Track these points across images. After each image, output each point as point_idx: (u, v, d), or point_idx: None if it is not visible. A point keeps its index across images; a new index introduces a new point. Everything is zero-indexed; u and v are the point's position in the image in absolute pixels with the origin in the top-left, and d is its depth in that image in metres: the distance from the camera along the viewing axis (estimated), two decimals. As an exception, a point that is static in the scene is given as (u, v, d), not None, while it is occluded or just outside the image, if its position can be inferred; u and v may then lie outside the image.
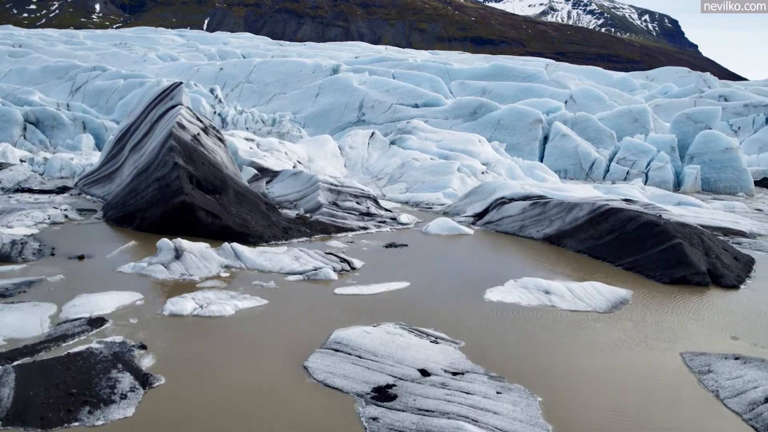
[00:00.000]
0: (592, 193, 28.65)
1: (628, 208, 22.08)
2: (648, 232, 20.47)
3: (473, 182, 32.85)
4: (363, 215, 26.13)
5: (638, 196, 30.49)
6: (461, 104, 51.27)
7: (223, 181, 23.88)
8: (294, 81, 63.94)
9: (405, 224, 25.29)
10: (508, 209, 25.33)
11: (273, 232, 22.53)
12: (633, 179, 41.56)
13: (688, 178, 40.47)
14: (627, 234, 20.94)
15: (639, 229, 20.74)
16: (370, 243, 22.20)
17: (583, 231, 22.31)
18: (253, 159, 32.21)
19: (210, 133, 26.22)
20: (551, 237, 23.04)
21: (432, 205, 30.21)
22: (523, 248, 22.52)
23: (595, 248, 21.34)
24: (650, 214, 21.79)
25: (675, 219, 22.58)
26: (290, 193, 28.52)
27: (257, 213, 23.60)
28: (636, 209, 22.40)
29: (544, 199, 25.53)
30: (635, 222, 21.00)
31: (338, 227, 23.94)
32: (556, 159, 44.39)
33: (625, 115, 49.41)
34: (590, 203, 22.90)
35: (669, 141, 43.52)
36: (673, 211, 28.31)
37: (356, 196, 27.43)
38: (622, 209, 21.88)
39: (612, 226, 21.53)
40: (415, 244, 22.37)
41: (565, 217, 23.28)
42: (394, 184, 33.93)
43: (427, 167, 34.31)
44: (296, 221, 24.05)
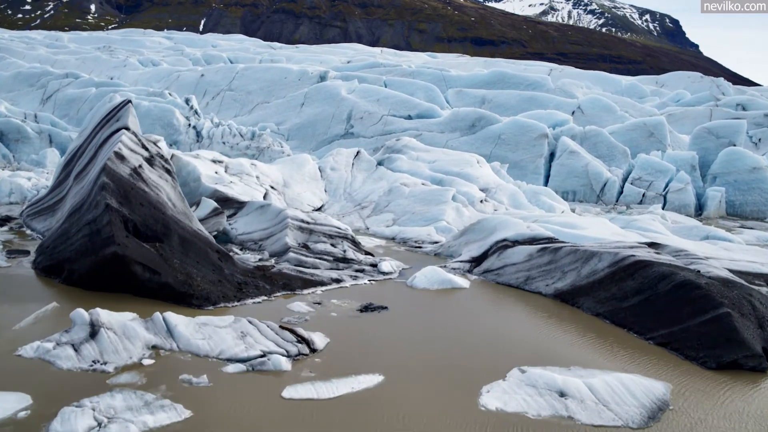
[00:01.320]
0: (608, 230, 24.71)
1: (659, 261, 18.17)
2: (685, 296, 16.60)
3: (470, 213, 28.93)
4: (338, 261, 22.23)
5: (661, 230, 26.58)
6: (458, 116, 47.44)
7: (166, 226, 19.97)
8: (278, 89, 60.14)
9: (387, 274, 21.40)
10: (512, 255, 21.42)
11: (223, 291, 18.71)
12: (650, 202, 37.67)
13: (712, 201, 36.58)
14: (659, 296, 17.07)
15: (674, 291, 16.87)
16: (342, 304, 18.33)
17: (603, 288, 18.42)
18: (217, 186, 28.33)
19: (156, 163, 22.30)
20: (564, 293, 19.16)
21: (422, 243, 26.31)
22: (530, 310, 18.67)
23: (619, 312, 17.47)
24: (686, 269, 17.91)
25: (713, 270, 18.65)
26: (255, 231, 24.70)
27: (206, 265, 19.70)
28: (667, 261, 18.49)
29: (554, 243, 21.60)
30: (669, 281, 17.12)
31: (305, 281, 20.06)
32: (564, 179, 40.53)
33: (639, 129, 45.50)
34: (611, 253, 18.98)
35: (689, 159, 39.66)
36: (702, 249, 24.45)
37: (331, 236, 23.52)
38: (652, 263, 17.97)
39: (639, 284, 17.65)
40: (397, 304, 18.53)
41: (580, 268, 19.36)
42: (379, 215, 30.00)
43: (417, 194, 30.39)
44: (254, 273, 20.14)
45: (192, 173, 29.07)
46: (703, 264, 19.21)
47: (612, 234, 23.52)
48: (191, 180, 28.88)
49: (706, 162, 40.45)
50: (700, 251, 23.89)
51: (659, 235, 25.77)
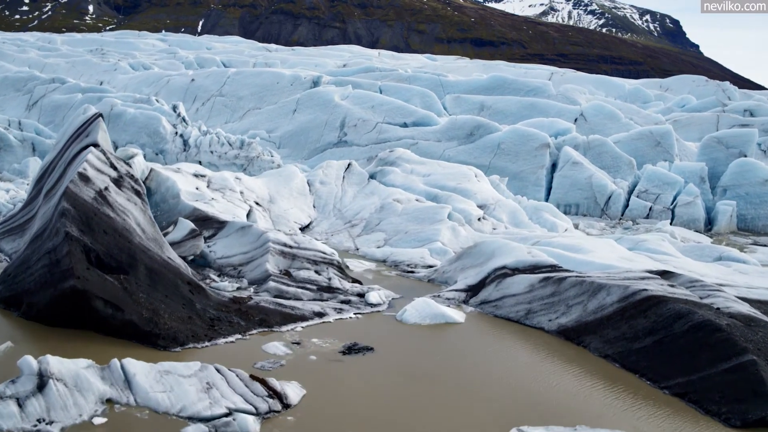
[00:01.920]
0: (615, 253, 23.08)
1: (674, 297, 16.53)
2: (705, 339, 14.97)
3: (467, 233, 27.29)
4: (322, 290, 20.59)
5: (672, 252, 24.94)
6: (456, 124, 45.82)
7: (132, 256, 18.32)
8: (270, 94, 58.52)
9: (375, 305, 19.75)
10: (511, 285, 19.78)
11: (193, 328, 17.08)
12: (657, 217, 36.04)
13: (722, 216, 34.95)
14: (674, 338, 15.47)
15: (691, 333, 15.25)
16: (323, 345, 16.71)
17: (611, 326, 16.79)
18: (197, 204, 26.67)
19: (124, 184, 20.65)
20: (568, 330, 17.54)
21: (415, 267, 24.66)
22: (532, 350, 17.05)
23: (629, 355, 15.85)
24: (704, 306, 16.29)
25: (732, 305, 17.03)
26: (235, 255, 23.07)
27: (176, 298, 18.08)
28: (683, 295, 16.83)
29: (558, 271, 19.96)
30: (685, 321, 15.49)
31: (285, 315, 18.42)
32: (567, 191, 38.89)
33: (645, 138, 43.85)
34: (621, 286, 17.34)
35: (698, 170, 38.02)
36: (716, 273, 22.84)
37: (315, 262, 21.87)
38: (666, 299, 16.33)
39: (652, 323, 16.01)
40: (384, 344, 16.91)
41: (586, 302, 17.72)
42: (370, 234, 28.36)
43: (410, 212, 28.74)
44: (229, 307, 18.49)
45: (171, 189, 27.43)
46: (721, 297, 17.58)
47: (619, 259, 21.88)
48: (170, 197, 27.25)
49: (716, 173, 38.81)
50: (714, 276, 22.31)
51: (670, 257, 24.16)
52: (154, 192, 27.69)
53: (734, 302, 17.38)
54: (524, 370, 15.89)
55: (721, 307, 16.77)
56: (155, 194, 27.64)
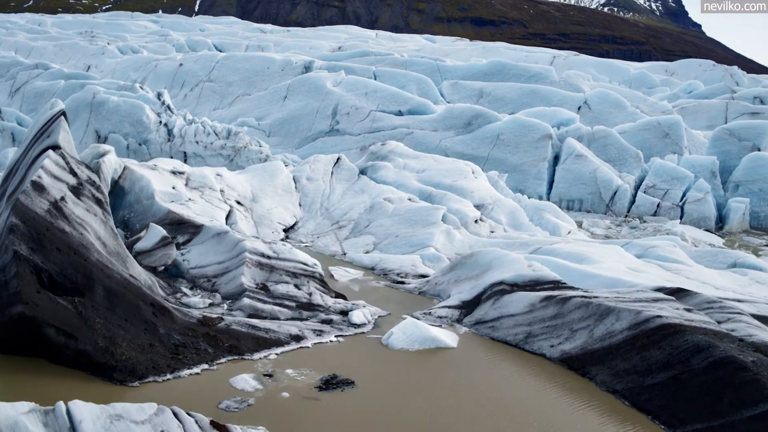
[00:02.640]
0: (623, 263, 21.37)
1: (691, 326, 14.86)
2: (727, 379, 13.31)
3: (462, 237, 25.55)
4: (301, 307, 18.90)
5: (683, 259, 23.25)
6: (453, 113, 43.92)
7: (89, 276, 16.57)
8: (260, 80, 56.61)
9: (359, 326, 18.04)
10: (509, 303, 18.10)
11: (154, 358, 15.40)
12: (665, 214, 34.30)
13: (735, 214, 33.20)
14: (692, 375, 13.79)
15: (712, 371, 13.57)
16: (298, 377, 15.07)
17: (621, 356, 15.13)
18: (172, 206, 24.91)
19: (84, 192, 18.86)
20: (572, 359, 15.88)
21: (405, 276, 22.96)
22: (531, 382, 15.44)
23: (641, 392, 14.18)
24: (726, 336, 14.63)
25: (756, 332, 15.37)
26: (209, 265, 21.37)
27: (137, 323, 16.38)
28: (701, 321, 15.15)
29: (561, 288, 18.25)
30: (705, 356, 13.81)
31: (258, 340, 16.73)
32: (569, 186, 37.12)
33: (652, 129, 41.94)
34: (631, 311, 15.65)
35: (709, 164, 36.21)
36: (732, 285, 21.16)
37: (295, 275, 20.17)
38: (682, 328, 14.65)
39: (668, 356, 14.35)
40: (366, 376, 15.27)
41: (593, 327, 16.03)
42: (358, 236, 26.63)
43: (402, 213, 26.99)
44: (196, 330, 16.80)
45: (145, 189, 25.67)
46: (743, 322, 15.94)
47: (627, 272, 20.16)
48: (144, 198, 25.49)
49: (728, 167, 36.99)
50: (730, 289, 20.62)
51: (681, 266, 22.44)
52: (127, 192, 25.96)
53: (757, 328, 15.70)
54: (523, 406, 14.20)
55: (743, 336, 15.11)
56: (129, 194, 25.90)
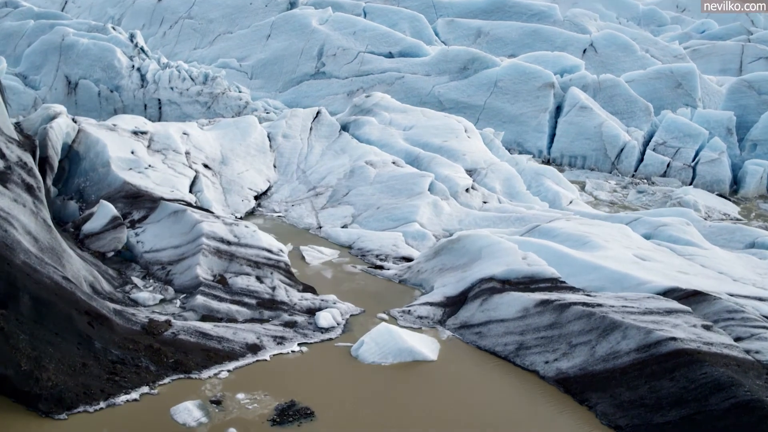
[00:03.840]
0: (630, 247, 19.24)
1: (710, 352, 12.85)
2: (752, 427, 11.30)
3: (451, 210, 23.36)
4: (263, 305, 16.91)
5: (697, 240, 21.15)
6: (448, 56, 41.04)
7: (12, 283, 14.50)
8: (242, 17, 53.22)
9: (326, 330, 16.01)
10: (500, 306, 16.08)
11: (87, 382, 13.63)
12: (675, 175, 32.07)
13: (751, 178, 30.90)
14: (710, 417, 11.97)
15: (734, 415, 11.77)
16: (250, 406, 13.33)
17: (626, 383, 13.22)
18: (130, 176, 22.62)
19: (13, 178, 16.59)
20: (569, 380, 14.01)
21: (385, 259, 20.89)
22: (521, 410, 13.44)
23: (649, 430, 12.12)
24: (751, 367, 12.63)
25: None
26: (165, 249, 19.28)
27: (68, 336, 14.46)
28: (723, 350, 13.14)
29: (559, 289, 16.19)
30: (726, 396, 11.94)
31: (208, 353, 14.80)
32: (572, 140, 34.70)
33: (664, 78, 39.10)
34: (641, 329, 13.67)
35: (724, 120, 33.68)
36: (750, 272, 19.11)
37: (257, 265, 18.06)
38: (700, 357, 12.68)
39: (681, 390, 12.41)
40: (329, 403, 13.44)
41: (595, 344, 14.05)
42: (336, 206, 24.41)
43: (385, 180, 24.70)
44: (139, 342, 14.86)
45: (101, 156, 23.32)
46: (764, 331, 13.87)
47: (634, 262, 18.02)
48: (99, 165, 23.16)
49: (745, 123, 34.44)
50: (750, 280, 18.55)
51: (695, 249, 20.34)
52: (83, 157, 23.58)
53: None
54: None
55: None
56: (84, 160, 23.54)
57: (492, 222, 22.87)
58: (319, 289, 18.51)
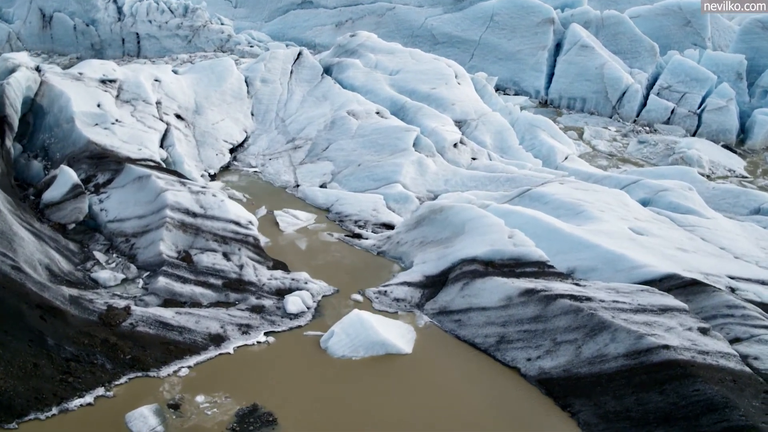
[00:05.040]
0: (627, 219, 18.28)
1: (704, 365, 12.11)
2: (747, 453, 10.62)
3: (437, 168, 22.32)
4: (229, 287, 16.11)
5: (698, 208, 20.23)
6: (442, -14, 38.80)
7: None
8: (225, -65, 50.26)
9: (295, 317, 15.29)
10: (482, 292, 15.27)
11: (38, 385, 13.08)
12: (679, 122, 30.78)
13: (760, 128, 29.62)
14: None
15: None
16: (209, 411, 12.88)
17: (612, 391, 12.55)
18: (95, 133, 21.41)
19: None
20: (553, 382, 13.37)
21: (364, 225, 19.99)
22: (500, 411, 12.76)
23: (635, 445, 11.52)
24: (748, 382, 11.84)
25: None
26: (129, 219, 18.39)
27: (19, 334, 13.93)
28: (720, 362, 12.39)
29: (546, 275, 15.33)
30: (719, 420, 11.44)
31: (168, 345, 14.08)
32: (572, 81, 33.23)
33: (671, 14, 37.09)
34: (631, 332, 12.92)
35: (735, 64, 32.12)
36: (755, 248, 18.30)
37: (224, 240, 17.11)
38: (694, 371, 11.97)
39: (671, 406, 11.78)
40: (294, 406, 13.01)
41: (581, 344, 13.31)
42: (315, 162, 23.31)
43: (368, 133, 23.53)
44: (95, 335, 14.10)
45: (64, 111, 22.05)
46: None
47: (631, 239, 17.11)
48: (63, 120, 21.92)
49: (756, 67, 32.82)
50: (754, 257, 17.75)
51: (697, 219, 19.40)
52: (47, 111, 22.28)
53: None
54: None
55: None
56: (48, 114, 22.25)
57: (480, 182, 21.82)
58: (292, 263, 17.65)
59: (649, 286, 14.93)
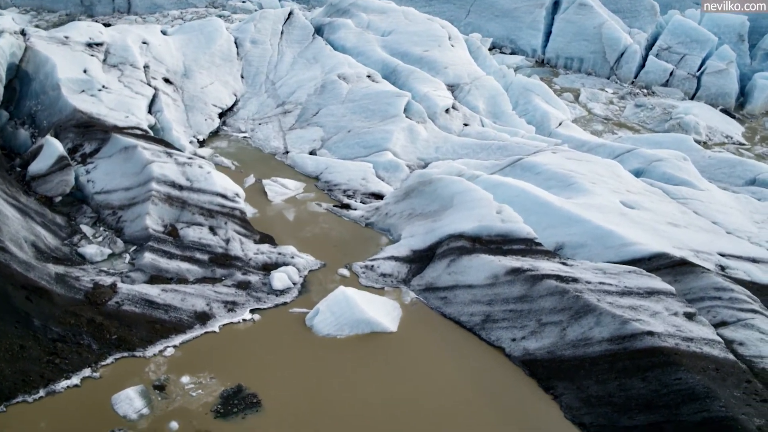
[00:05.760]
0: (618, 192, 18.29)
1: (688, 353, 12.21)
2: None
3: (428, 135, 22.11)
4: (215, 262, 16.10)
5: (692, 179, 20.13)
6: (439, -63, 37.80)
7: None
8: None
9: (281, 293, 15.30)
10: (468, 270, 15.27)
11: (26, 367, 13.22)
12: (678, 85, 30.37)
13: (760, 93, 29.26)
14: (680, 427, 11.66)
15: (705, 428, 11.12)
16: (194, 393, 13.00)
17: (595, 375, 12.66)
18: (80, 102, 21.10)
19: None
20: (537, 363, 13.48)
21: (353, 195, 19.94)
22: (484, 391, 12.94)
23: (616, 432, 11.68)
24: (731, 372, 11.93)
25: None
26: (116, 190, 18.30)
27: (5, 316, 14.17)
28: (705, 349, 12.47)
29: (534, 253, 15.32)
30: (700, 409, 11.55)
31: (154, 324, 14.12)
32: (569, 41, 32.70)
33: (673, -30, 36.27)
34: (616, 317, 12.96)
35: (737, 26, 31.56)
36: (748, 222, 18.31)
37: (210, 214, 17.04)
38: (677, 359, 12.06)
39: (653, 393, 11.90)
40: (278, 388, 13.02)
41: (566, 326, 13.36)
42: (305, 127, 23.09)
43: (358, 98, 23.25)
44: (81, 314, 14.13)
45: (50, 77, 21.76)
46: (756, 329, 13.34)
47: (622, 215, 17.04)
48: (49, 87, 21.64)
49: (758, 28, 32.29)
50: (746, 232, 17.77)
51: (691, 191, 19.33)
52: (32, 78, 21.97)
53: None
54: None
55: (753, 357, 12.46)
56: (34, 81, 21.95)
57: (471, 150, 21.64)
58: (279, 235, 17.61)
59: (637, 264, 14.93)
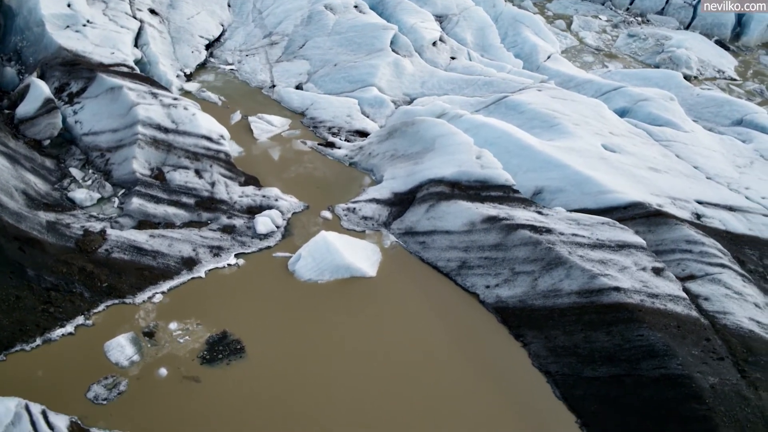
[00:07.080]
0: (600, 134, 18.66)
1: (651, 310, 12.93)
2: (676, 407, 11.99)
3: (414, 70, 22.24)
4: (201, 206, 16.65)
5: (678, 120, 20.33)
6: None
7: None
8: None
9: (264, 237, 15.91)
10: (446, 216, 15.87)
11: (22, 317, 14.00)
12: (674, 14, 30.07)
13: (756, 24, 29.00)
14: (638, 383, 12.44)
15: (661, 388, 12.27)
16: (181, 339, 13.71)
17: (563, 327, 13.46)
18: (65, 39, 21.00)
19: None
20: (508, 311, 14.25)
21: (338, 132, 20.25)
22: (456, 337, 13.78)
23: (576, 384, 12.82)
24: (691, 330, 12.69)
25: (741, 322, 13.51)
26: (103, 132, 18.63)
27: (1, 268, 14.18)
28: (668, 305, 13.15)
29: (510, 201, 15.86)
30: (658, 366, 12.41)
31: (143, 270, 14.78)
32: (563, -35, 31.93)
33: None
34: (585, 271, 13.66)
35: (736, -50, 30.70)
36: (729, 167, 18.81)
37: (196, 157, 17.45)
38: (640, 316, 12.77)
39: (615, 347, 12.70)
40: (260, 334, 13.70)
41: (537, 276, 14.07)
42: (291, 60, 23.09)
43: (345, 30, 23.18)
44: (72, 263, 14.72)
45: (33, 13, 21.60)
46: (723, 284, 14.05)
47: (602, 160, 17.45)
48: (34, 24, 21.52)
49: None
50: (726, 179, 18.25)
51: (675, 133, 19.69)
52: (16, 13, 21.78)
53: (738, 299, 13.63)
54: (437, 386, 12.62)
55: (716, 312, 13.20)
56: (17, 17, 21.78)
57: (457, 86, 21.77)
58: (264, 176, 17.99)
59: (614, 212, 15.46)
